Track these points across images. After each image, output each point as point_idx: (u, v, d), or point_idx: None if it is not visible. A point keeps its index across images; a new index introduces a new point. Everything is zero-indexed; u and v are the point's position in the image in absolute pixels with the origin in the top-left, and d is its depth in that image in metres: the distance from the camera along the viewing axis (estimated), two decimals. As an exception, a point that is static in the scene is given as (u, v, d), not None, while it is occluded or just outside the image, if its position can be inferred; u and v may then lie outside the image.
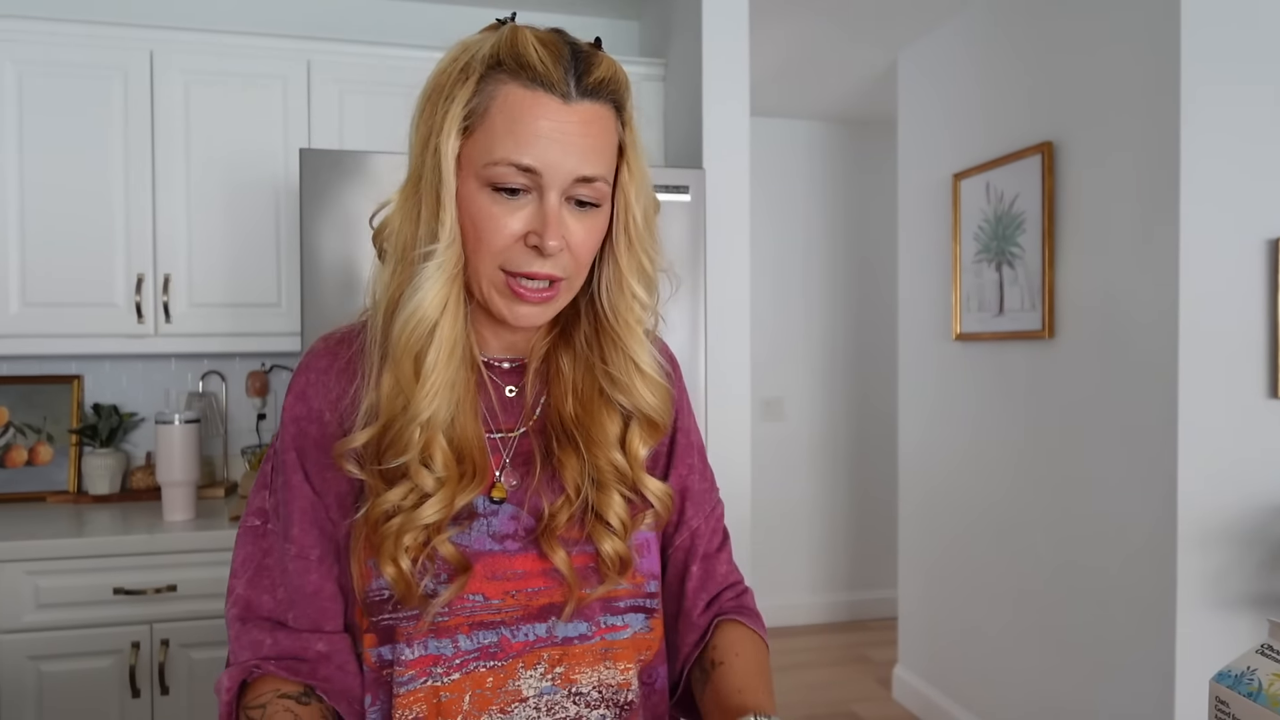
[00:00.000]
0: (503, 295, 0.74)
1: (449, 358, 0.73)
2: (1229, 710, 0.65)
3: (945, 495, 2.93)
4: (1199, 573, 2.01)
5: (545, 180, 0.71)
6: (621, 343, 0.79)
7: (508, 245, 0.72)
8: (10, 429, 2.39)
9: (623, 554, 0.78)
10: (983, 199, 2.69)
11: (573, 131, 0.71)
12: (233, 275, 2.23)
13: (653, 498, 0.81)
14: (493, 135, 0.70)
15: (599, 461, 0.78)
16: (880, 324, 4.17)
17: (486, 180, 0.71)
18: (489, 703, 0.75)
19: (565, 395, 0.81)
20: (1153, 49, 2.04)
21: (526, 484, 0.79)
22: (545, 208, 0.71)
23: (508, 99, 0.71)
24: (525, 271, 0.72)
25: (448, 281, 0.72)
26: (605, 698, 0.78)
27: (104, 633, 1.91)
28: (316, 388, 0.80)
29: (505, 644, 0.76)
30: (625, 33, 2.84)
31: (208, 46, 2.21)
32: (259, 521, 0.81)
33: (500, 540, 0.77)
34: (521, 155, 0.70)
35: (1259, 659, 0.65)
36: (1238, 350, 2.01)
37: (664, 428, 0.82)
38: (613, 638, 0.79)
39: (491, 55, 0.72)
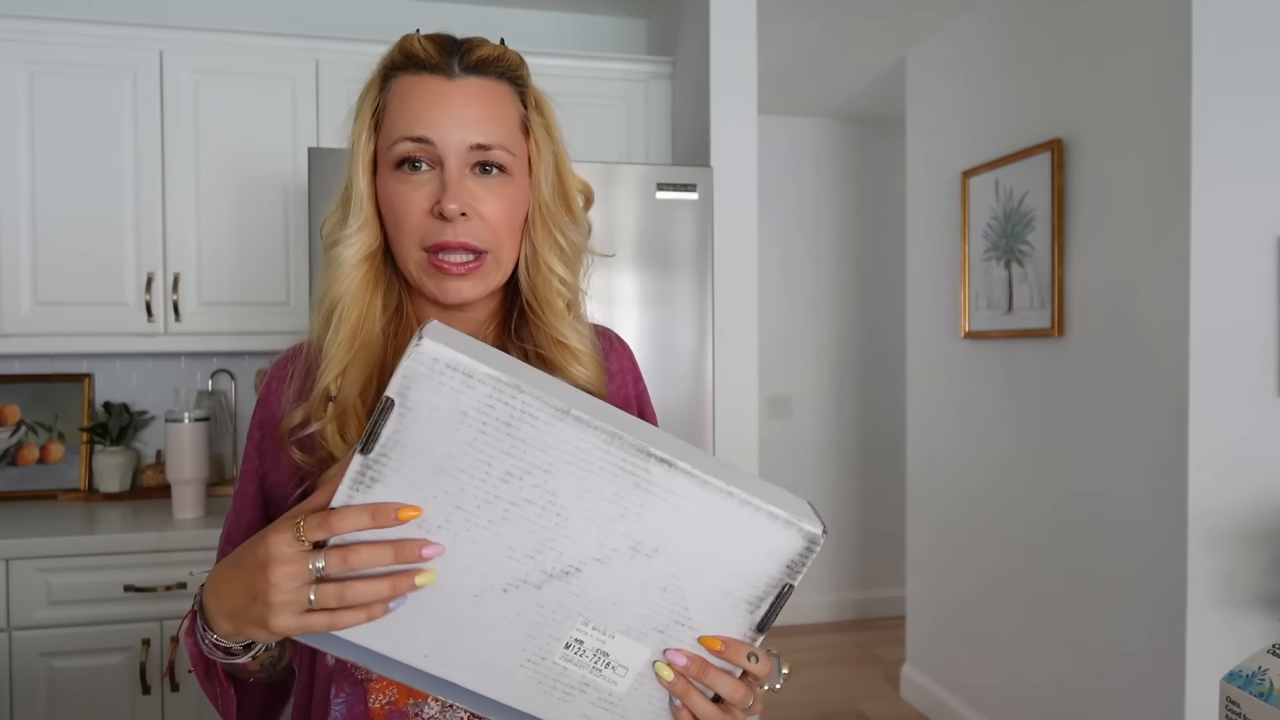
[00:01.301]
0: (429, 274, 0.78)
1: (350, 339, 0.78)
2: (1240, 710, 0.64)
3: (953, 494, 2.93)
4: (1209, 572, 2.00)
5: (440, 149, 0.76)
6: (544, 320, 0.83)
7: (420, 220, 0.77)
8: (22, 427, 2.41)
9: None
10: (992, 196, 2.68)
11: (459, 103, 0.77)
12: (242, 274, 2.24)
13: None
14: (391, 121, 0.78)
15: None
16: (888, 322, 4.16)
17: (391, 162, 0.77)
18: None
19: None
20: (1164, 46, 2.03)
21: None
22: (446, 175, 0.76)
23: (401, 86, 0.78)
24: (439, 242, 0.76)
25: (357, 263, 0.79)
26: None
27: (115, 629, 1.92)
28: (275, 394, 0.85)
29: None
30: (633, 31, 2.84)
31: (217, 46, 2.22)
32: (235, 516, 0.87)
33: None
34: (413, 128, 0.76)
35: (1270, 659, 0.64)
36: (1248, 349, 2.00)
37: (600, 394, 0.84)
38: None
39: (386, 61, 0.80)
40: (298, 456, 0.79)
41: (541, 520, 0.57)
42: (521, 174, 0.80)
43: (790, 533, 0.58)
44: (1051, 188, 2.39)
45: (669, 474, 0.56)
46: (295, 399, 0.83)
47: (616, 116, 2.46)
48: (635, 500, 0.57)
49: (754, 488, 0.58)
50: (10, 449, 2.39)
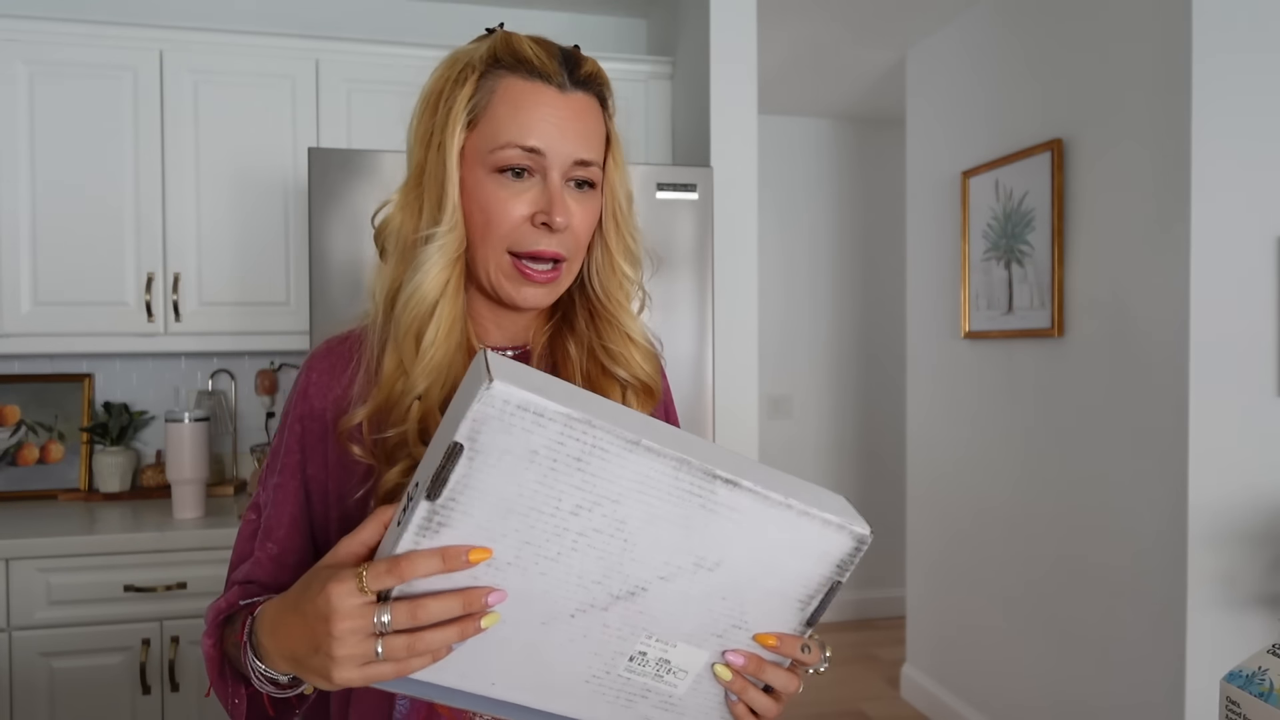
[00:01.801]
0: (510, 278, 0.78)
1: (447, 336, 0.77)
2: (1240, 710, 0.64)
3: (953, 494, 2.93)
4: (1209, 572, 2.00)
5: (548, 161, 0.77)
6: (615, 318, 0.85)
7: (515, 226, 0.77)
8: (22, 427, 2.41)
9: None
10: (992, 196, 2.68)
11: (569, 117, 0.77)
12: (242, 274, 2.24)
13: None
14: (497, 123, 0.76)
15: None
16: (888, 322, 4.16)
17: (494, 165, 0.76)
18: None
19: (573, 377, 0.85)
20: (1163, 45, 2.03)
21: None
22: (551, 187, 0.77)
23: (509, 90, 0.77)
24: (532, 250, 0.77)
25: (448, 264, 0.77)
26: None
27: (115, 630, 1.92)
28: (318, 387, 0.83)
29: None
30: (633, 31, 2.84)
31: (217, 46, 2.22)
32: (254, 516, 0.85)
33: None
34: (526, 137, 0.76)
35: (1270, 659, 0.64)
36: (1248, 349, 1.99)
37: (657, 394, 0.87)
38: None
39: (489, 55, 0.78)
40: (358, 453, 0.78)
41: (609, 547, 0.58)
42: (599, 185, 0.82)
43: (842, 536, 0.62)
44: (1051, 188, 2.39)
45: (733, 493, 0.58)
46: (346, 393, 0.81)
47: (616, 116, 2.46)
48: (700, 520, 0.59)
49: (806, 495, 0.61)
50: (10, 449, 2.39)
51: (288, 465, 0.82)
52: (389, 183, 1.90)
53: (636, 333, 0.86)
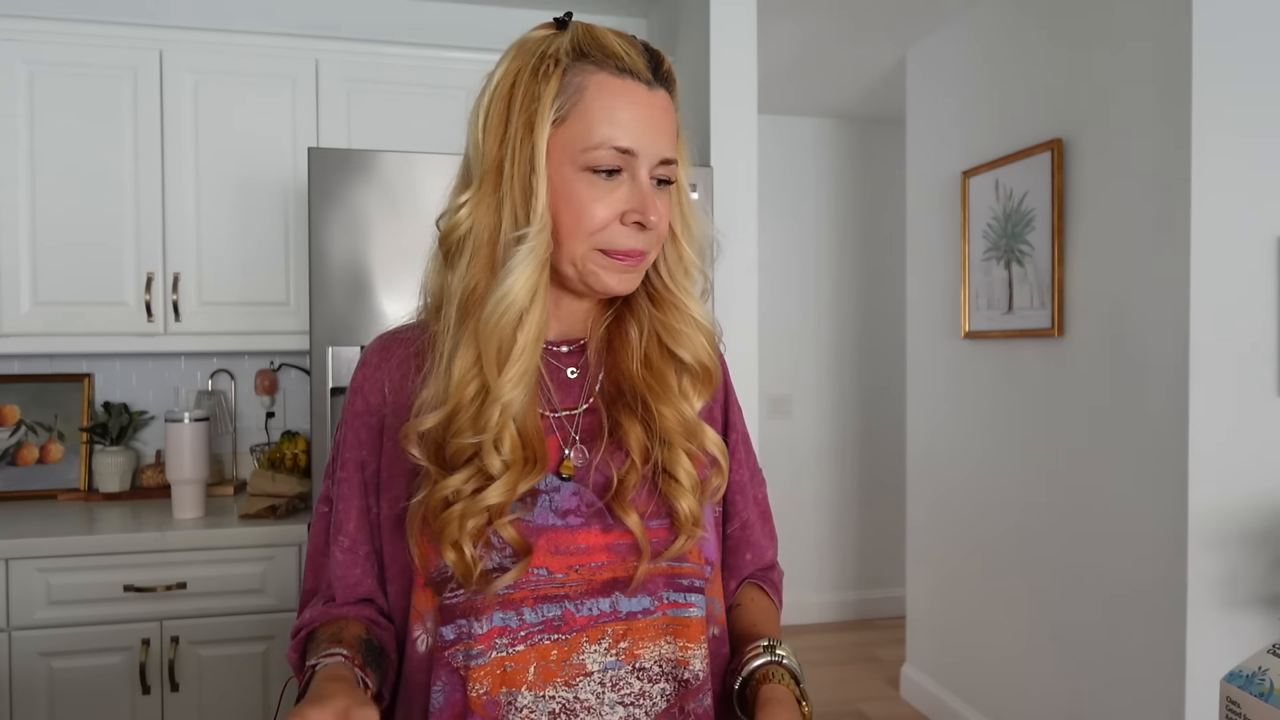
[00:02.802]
0: (601, 266, 0.78)
1: (535, 343, 0.76)
2: (1240, 710, 0.64)
3: (954, 494, 2.93)
4: (1210, 572, 2.00)
5: (638, 161, 0.76)
6: (679, 301, 0.84)
7: (605, 226, 0.76)
8: (22, 427, 2.40)
9: (695, 512, 0.80)
10: (992, 196, 2.68)
11: (657, 115, 0.77)
12: (242, 274, 2.24)
13: (712, 446, 0.83)
14: (589, 121, 0.74)
15: (665, 419, 0.81)
16: (888, 322, 4.16)
17: (584, 164, 0.75)
18: (554, 675, 0.76)
19: (631, 361, 0.84)
20: (1164, 45, 2.03)
21: (591, 459, 0.81)
22: (641, 186, 0.76)
23: (601, 86, 0.75)
24: (623, 249, 0.77)
25: (538, 267, 0.75)
26: (665, 672, 0.79)
27: (114, 630, 1.92)
28: (372, 382, 0.84)
29: (569, 618, 0.77)
30: (633, 30, 2.83)
31: (217, 46, 2.22)
32: (325, 508, 0.87)
33: (563, 515, 0.78)
34: (620, 138, 0.75)
35: (1270, 659, 0.64)
36: (1249, 349, 1.99)
37: (716, 379, 0.86)
38: (675, 614, 0.80)
39: (574, 48, 0.76)
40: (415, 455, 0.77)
41: None
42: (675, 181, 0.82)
43: None
44: (1051, 188, 2.39)
45: None
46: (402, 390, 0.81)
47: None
48: None
49: None
50: (10, 449, 2.39)
51: (349, 461, 0.84)
52: (389, 183, 1.90)
53: (701, 315, 0.85)
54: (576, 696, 0.76)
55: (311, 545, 0.89)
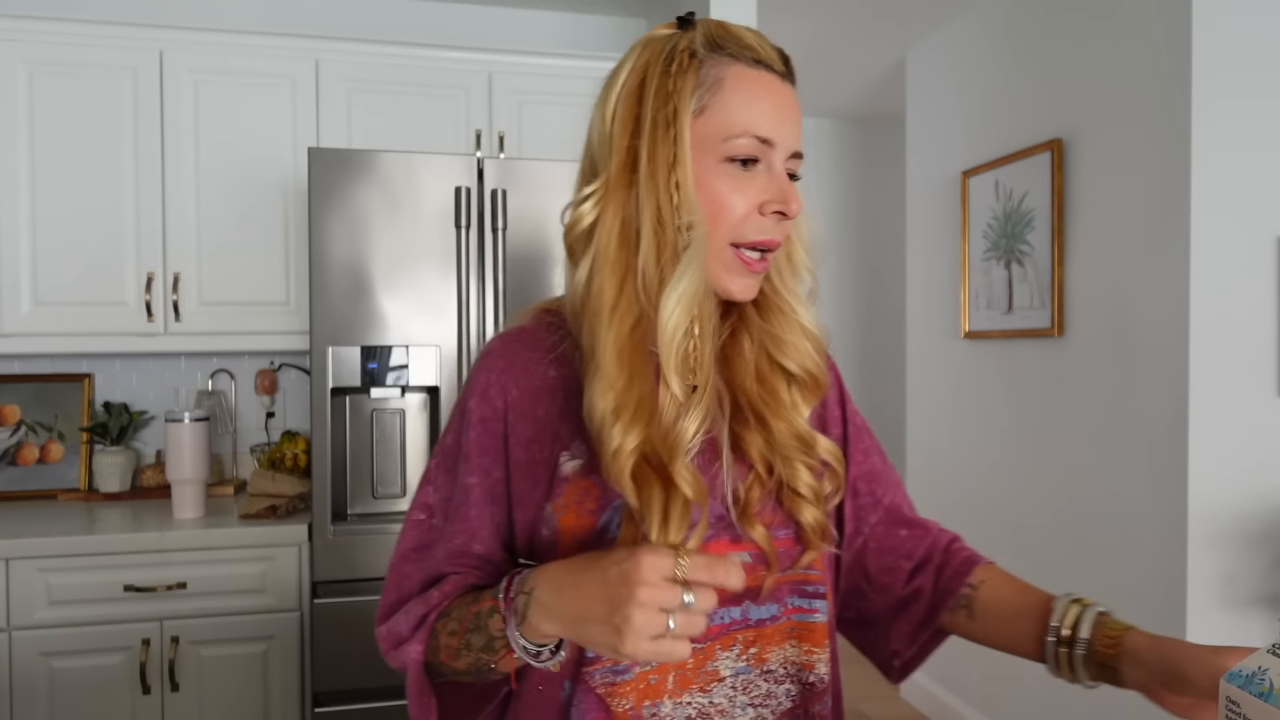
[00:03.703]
0: (730, 270, 0.76)
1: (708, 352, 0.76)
2: (1240, 710, 0.64)
3: (953, 493, 2.93)
4: (1209, 572, 2.00)
5: (775, 151, 0.75)
6: (789, 307, 0.83)
7: (745, 217, 0.75)
8: (22, 427, 2.40)
9: (822, 522, 0.80)
10: (992, 196, 2.68)
11: (790, 107, 0.77)
12: (242, 274, 2.24)
13: (827, 455, 0.83)
14: (728, 111, 0.74)
15: (781, 434, 0.80)
16: (888, 322, 4.16)
17: (724, 155, 0.74)
18: (690, 682, 0.78)
19: (747, 374, 0.82)
20: (1164, 45, 2.03)
21: (712, 472, 0.79)
22: (778, 176, 0.75)
23: (739, 77, 0.74)
24: (760, 240, 0.75)
25: (702, 267, 0.73)
26: (790, 674, 0.80)
27: (115, 629, 1.92)
28: (498, 387, 0.79)
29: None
30: (633, 30, 2.84)
31: (216, 46, 2.22)
32: (424, 516, 0.82)
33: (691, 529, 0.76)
34: (760, 126, 0.74)
35: (1270, 659, 0.64)
36: (1248, 348, 1.99)
37: (824, 385, 0.84)
38: (800, 619, 0.81)
39: (709, 42, 0.75)
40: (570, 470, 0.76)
41: None
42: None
43: None
44: (1051, 188, 2.39)
45: None
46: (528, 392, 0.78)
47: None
48: None
49: None
50: (10, 449, 2.39)
51: (477, 467, 0.78)
52: (389, 183, 1.90)
53: (810, 321, 0.84)
54: (711, 701, 0.78)
55: (401, 549, 0.82)
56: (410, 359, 1.93)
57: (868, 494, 0.91)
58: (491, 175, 1.96)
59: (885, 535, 0.91)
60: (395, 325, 1.92)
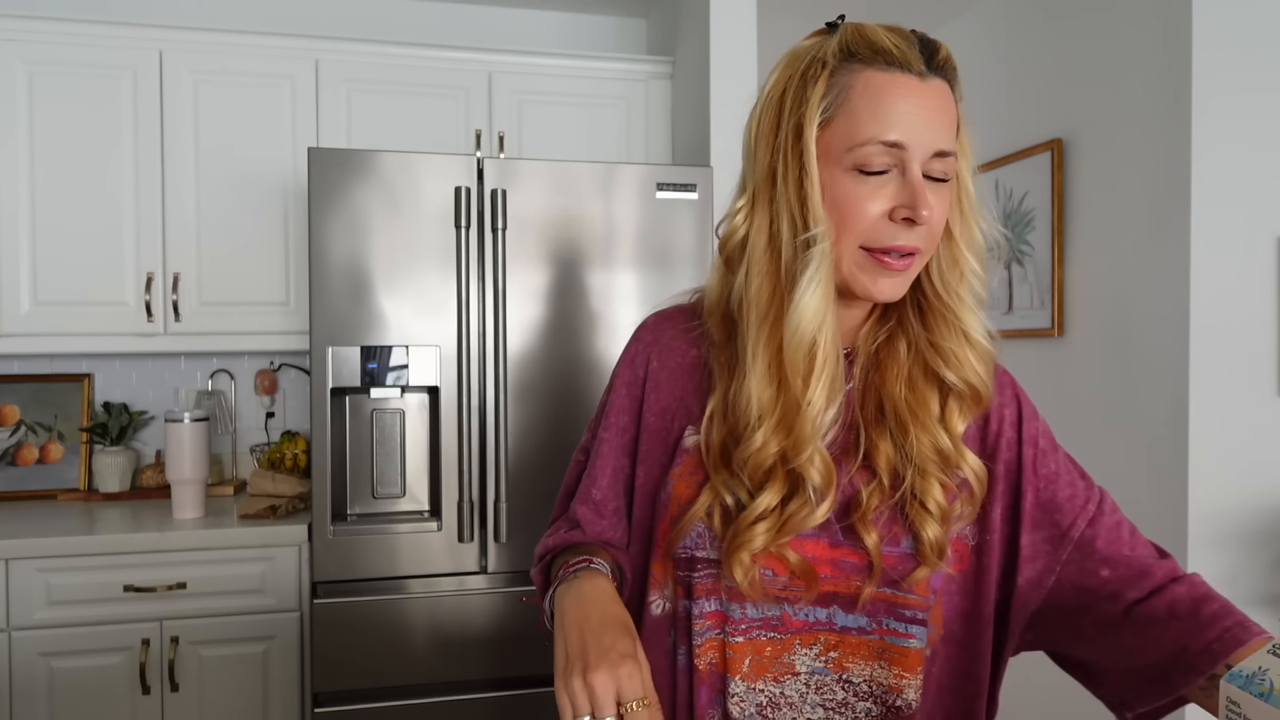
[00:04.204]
0: (865, 270, 0.76)
1: (837, 352, 0.76)
2: (1240, 711, 0.64)
3: (954, 494, 2.92)
4: (1210, 572, 1.99)
5: (909, 154, 0.73)
6: (952, 313, 0.80)
7: (873, 224, 0.74)
8: (21, 427, 2.40)
9: (941, 541, 0.78)
10: (991, 196, 2.68)
11: (931, 106, 0.73)
12: (241, 274, 2.24)
13: (970, 474, 0.80)
14: (855, 119, 0.73)
15: (921, 445, 0.78)
16: (888, 322, 4.15)
17: (852, 164, 0.73)
18: (765, 670, 0.79)
19: (896, 380, 0.81)
20: (1164, 45, 2.03)
21: (838, 475, 0.79)
22: (911, 180, 0.73)
23: (868, 83, 0.73)
24: (891, 245, 0.74)
25: (829, 269, 0.74)
26: (874, 693, 0.80)
27: (114, 630, 1.92)
28: (641, 357, 0.88)
29: (786, 619, 0.80)
30: (633, 30, 2.84)
31: (216, 46, 2.22)
32: (583, 457, 0.93)
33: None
34: (887, 132, 0.72)
35: (1270, 659, 0.64)
36: (1249, 349, 1.99)
37: (986, 399, 0.82)
38: (893, 641, 0.79)
39: (841, 49, 0.75)
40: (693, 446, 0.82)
41: None
42: (953, 176, 0.78)
43: None
44: (1051, 188, 2.39)
45: None
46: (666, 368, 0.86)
47: (616, 116, 2.46)
48: None
49: None
50: (10, 449, 2.39)
51: (613, 424, 0.88)
52: (389, 183, 1.90)
53: (977, 330, 0.81)
54: (782, 692, 0.79)
55: (565, 484, 0.95)
56: (410, 359, 1.93)
57: (1049, 524, 0.85)
58: (491, 175, 1.96)
59: (1080, 575, 0.84)
60: (395, 325, 1.92)
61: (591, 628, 0.70)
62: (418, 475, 2.01)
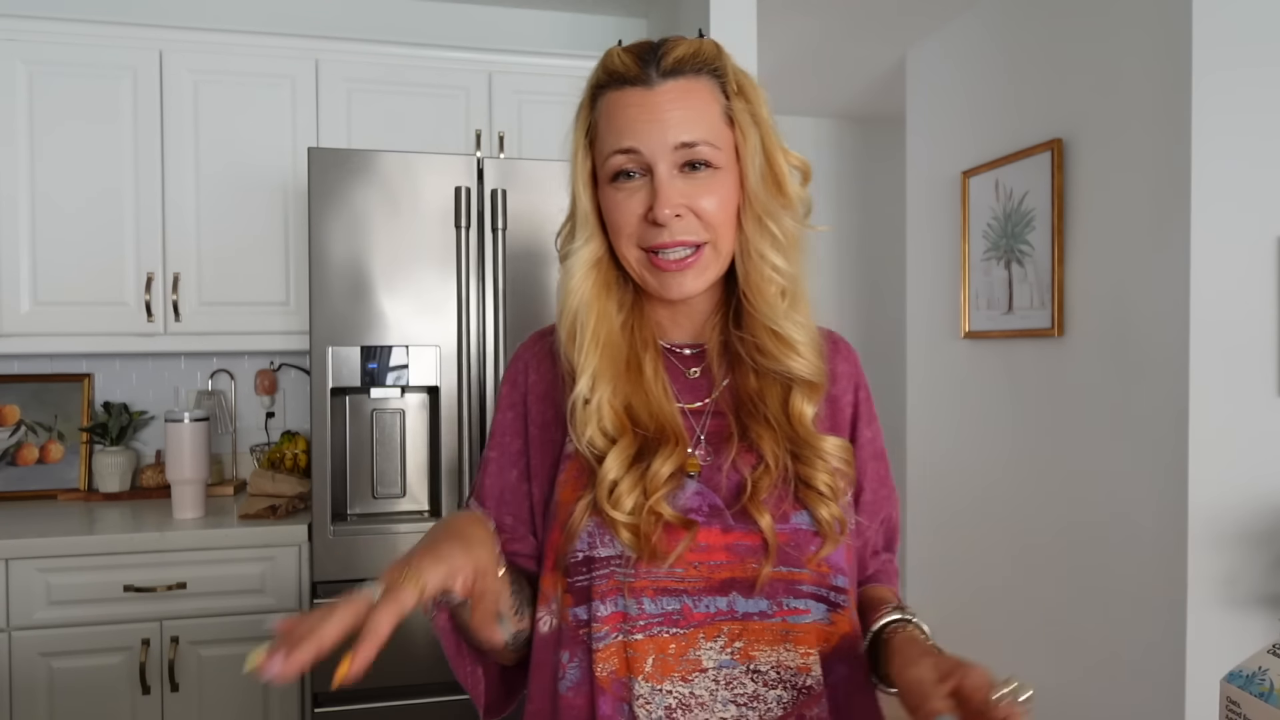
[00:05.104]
0: (649, 271, 0.82)
1: (595, 339, 0.82)
2: (1240, 710, 0.64)
3: (953, 493, 2.93)
4: (1210, 573, 2.00)
5: (647, 157, 0.79)
6: (757, 309, 0.84)
7: (636, 225, 0.81)
8: (21, 427, 2.40)
9: (839, 517, 0.81)
10: (991, 196, 2.68)
11: (661, 106, 0.79)
12: (242, 274, 2.24)
13: (830, 456, 0.83)
14: (601, 139, 0.82)
15: (789, 431, 0.83)
16: (888, 321, 4.16)
17: (607, 177, 0.81)
18: (671, 669, 0.79)
19: (748, 373, 0.85)
20: (1164, 45, 2.03)
21: (719, 461, 0.82)
22: (656, 181, 0.79)
23: (607, 105, 0.82)
24: (655, 244, 0.80)
25: (585, 273, 0.83)
26: (783, 679, 0.80)
27: (114, 630, 1.92)
28: (521, 374, 0.91)
29: (687, 612, 0.79)
30: (633, 30, 2.84)
31: (216, 46, 2.22)
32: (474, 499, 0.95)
33: (685, 513, 0.80)
34: (621, 141, 0.80)
35: (1270, 659, 0.64)
36: (1249, 349, 1.99)
37: (821, 384, 0.85)
38: (794, 620, 0.80)
39: (593, 81, 0.85)
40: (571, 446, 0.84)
41: None
42: (730, 165, 0.81)
43: None
44: (1051, 188, 2.39)
45: None
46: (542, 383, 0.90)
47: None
48: None
49: None
50: (10, 449, 2.39)
51: (497, 445, 0.91)
52: (389, 183, 1.90)
53: (785, 327, 0.83)
54: (692, 692, 0.78)
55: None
56: (410, 359, 1.93)
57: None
58: (491, 175, 1.96)
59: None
60: (395, 325, 1.92)
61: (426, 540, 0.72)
62: (418, 475, 2.01)
